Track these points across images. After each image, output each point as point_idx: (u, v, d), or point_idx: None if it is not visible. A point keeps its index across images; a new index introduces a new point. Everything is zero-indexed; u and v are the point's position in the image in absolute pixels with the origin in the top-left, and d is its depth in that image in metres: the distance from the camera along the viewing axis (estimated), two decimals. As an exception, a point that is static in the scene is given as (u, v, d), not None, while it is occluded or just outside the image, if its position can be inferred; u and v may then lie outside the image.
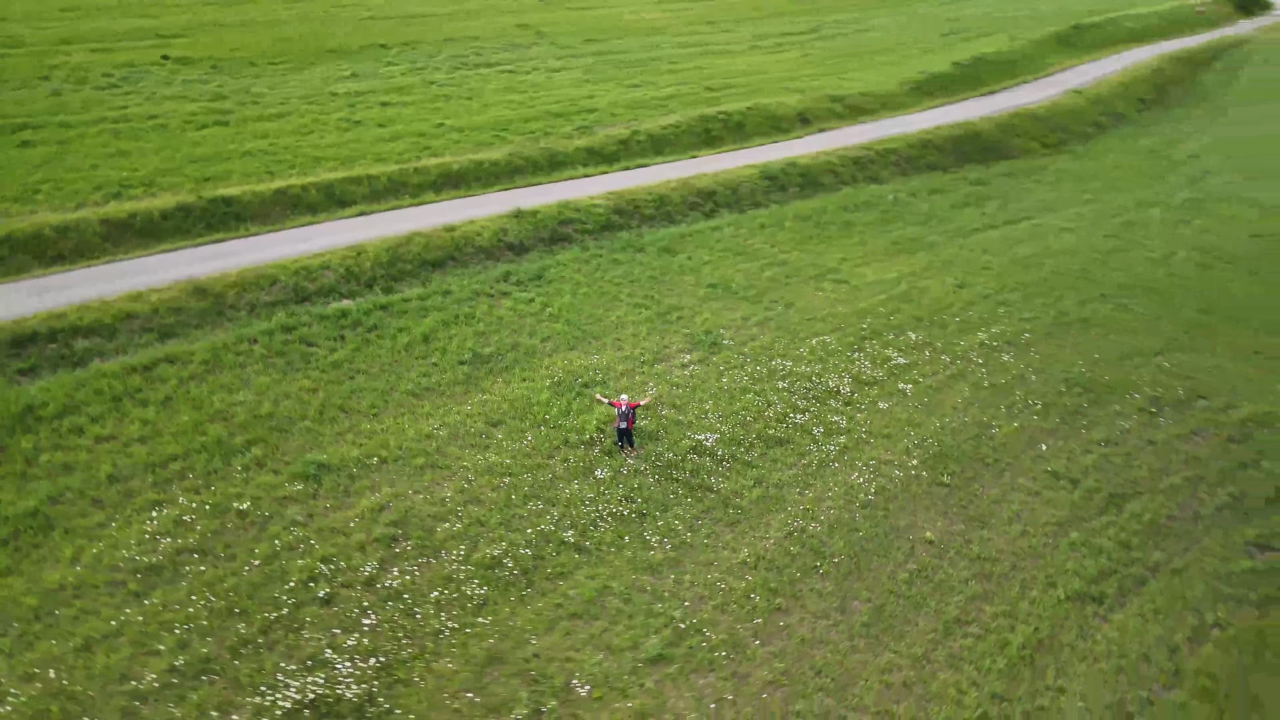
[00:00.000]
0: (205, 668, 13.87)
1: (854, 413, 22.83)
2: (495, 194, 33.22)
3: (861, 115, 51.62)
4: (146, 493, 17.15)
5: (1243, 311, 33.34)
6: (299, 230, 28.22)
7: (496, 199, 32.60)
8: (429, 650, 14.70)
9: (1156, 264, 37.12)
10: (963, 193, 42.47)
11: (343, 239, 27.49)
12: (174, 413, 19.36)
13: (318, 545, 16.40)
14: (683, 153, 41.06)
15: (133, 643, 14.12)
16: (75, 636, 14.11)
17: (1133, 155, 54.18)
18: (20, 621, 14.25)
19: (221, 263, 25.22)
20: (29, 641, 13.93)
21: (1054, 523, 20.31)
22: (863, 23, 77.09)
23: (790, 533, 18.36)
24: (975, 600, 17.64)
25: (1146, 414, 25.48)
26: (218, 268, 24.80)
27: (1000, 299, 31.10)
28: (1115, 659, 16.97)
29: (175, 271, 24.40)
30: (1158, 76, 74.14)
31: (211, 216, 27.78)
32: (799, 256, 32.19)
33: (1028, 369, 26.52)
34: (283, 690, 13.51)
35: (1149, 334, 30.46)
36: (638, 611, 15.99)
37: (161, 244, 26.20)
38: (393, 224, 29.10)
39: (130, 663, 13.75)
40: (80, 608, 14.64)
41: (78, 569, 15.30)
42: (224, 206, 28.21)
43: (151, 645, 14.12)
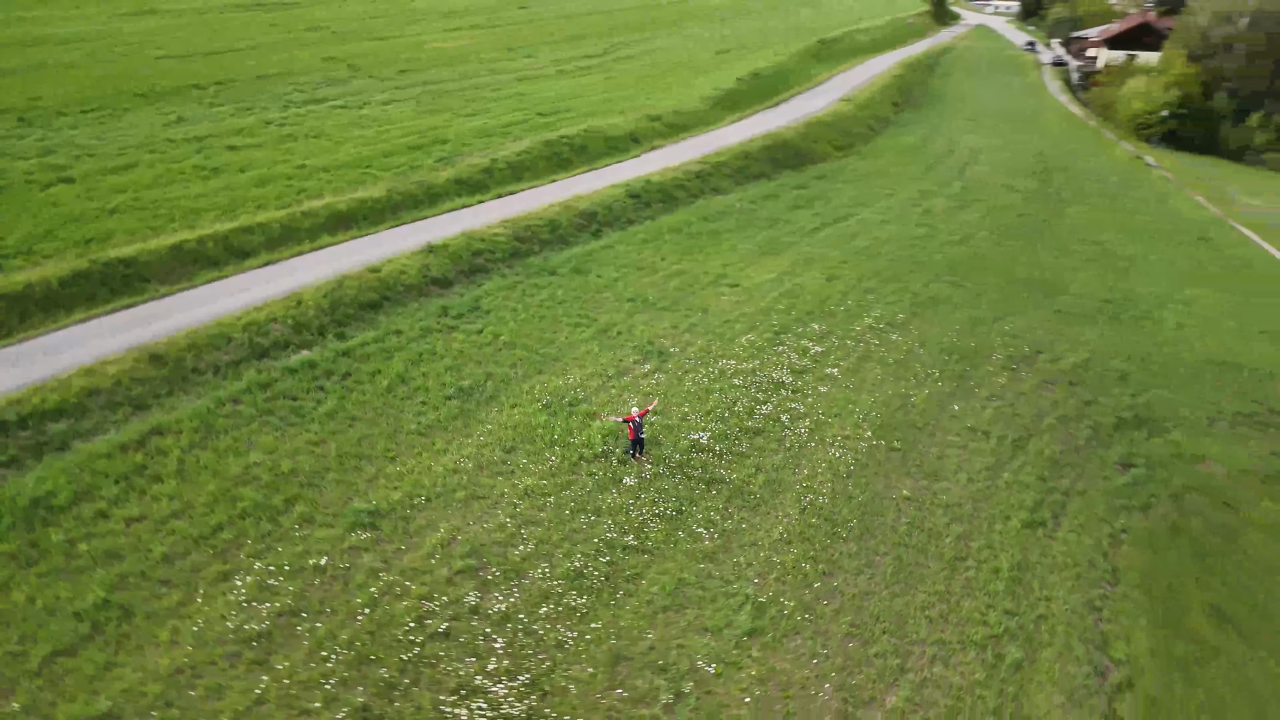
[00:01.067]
0: (367, 715, 14.17)
1: (803, 399, 25.85)
2: (388, 231, 33.27)
3: (681, 132, 55.55)
4: (212, 565, 16.68)
5: (1035, 279, 40.24)
6: (214, 286, 27.12)
7: (393, 236, 32.70)
8: (560, 660, 15.76)
9: (961, 245, 43.55)
10: (791, 197, 47.25)
11: (272, 289, 26.79)
12: (195, 484, 18.65)
13: (411, 585, 16.82)
14: (541, 177, 42.66)
15: (284, 707, 14.09)
16: (221, 714, 13.87)
17: (903, 153, 62.16)
18: (156, 710, 13.77)
19: (156, 326, 23.94)
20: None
21: (986, 468, 24.39)
22: (645, 44, 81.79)
23: (804, 508, 20.93)
24: (961, 539, 21.11)
25: (1009, 371, 30.61)
26: (157, 332, 23.56)
27: (864, 287, 35.56)
28: (1071, 568, 21.06)
29: (109, 341, 22.91)
30: (900, 82, 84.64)
31: (114, 280, 26.03)
32: (689, 266, 34.94)
33: (914, 344, 30.91)
34: (468, 710, 14.15)
35: (982, 305, 36.11)
36: (716, 595, 17.85)
37: (73, 314, 24.32)
38: (311, 270, 28.62)
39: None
40: (208, 685, 14.32)
41: (185, 649, 14.84)
42: (123, 268, 26.50)
43: (303, 705, 14.17)
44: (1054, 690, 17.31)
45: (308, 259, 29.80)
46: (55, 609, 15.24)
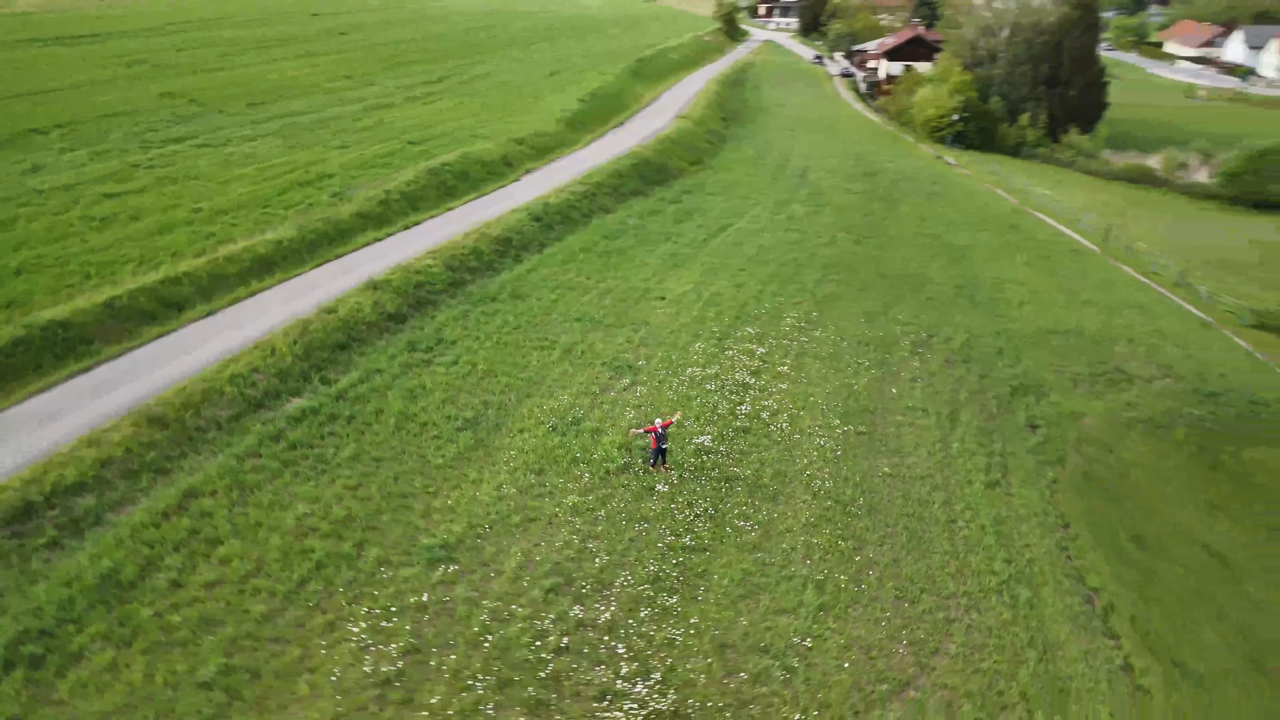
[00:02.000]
0: (530, 732, 14.85)
1: (770, 396, 28.15)
2: (316, 271, 32.64)
3: (546, 154, 56.89)
4: (315, 617, 16.51)
5: (900, 273, 45.00)
6: (166, 341, 25.87)
7: (325, 275, 32.15)
8: (677, 656, 16.99)
9: (830, 247, 47.73)
10: (671, 211, 49.80)
11: (234, 340, 25.91)
12: (257, 541, 18.18)
13: (514, 608, 17.42)
14: (436, 206, 42.74)
15: (450, 738, 14.50)
16: (393, 754, 14.10)
17: (747, 164, 66.50)
18: (329, 763, 13.79)
19: (129, 389, 22.65)
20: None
21: (937, 441, 27.70)
22: (478, 69, 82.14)
23: (814, 494, 23.14)
24: (946, 505, 24.10)
25: (917, 355, 34.47)
26: (135, 395, 22.32)
27: (770, 291, 38.50)
28: (1033, 518, 24.58)
29: (92, 408, 21.51)
30: (721, 98, 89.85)
31: (55, 345, 24.19)
32: (613, 283, 36.47)
33: (835, 339, 34.07)
34: (620, 712, 15.11)
35: (870, 299, 40.08)
36: (778, 580, 19.63)
37: (26, 384, 22.49)
38: (263, 317, 27.77)
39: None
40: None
41: (331, 699, 14.81)
42: (62, 331, 24.65)
43: (467, 733, 14.64)
44: (1062, 620, 20.46)
45: (252, 305, 28.79)
46: (178, 683, 14.69)
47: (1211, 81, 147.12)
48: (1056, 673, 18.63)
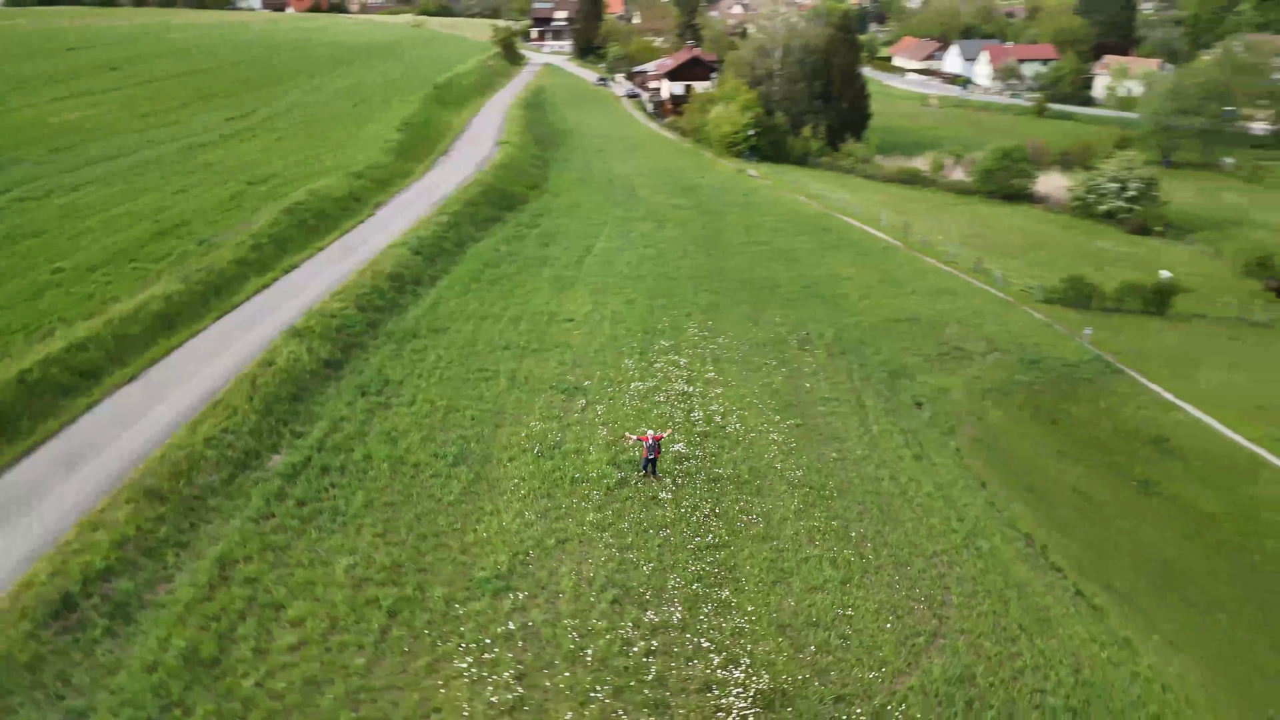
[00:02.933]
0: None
1: (712, 401, 30.27)
2: (223, 322, 31.20)
3: (388, 186, 56.06)
4: (414, 661, 16.55)
5: (753, 278, 48.87)
6: (98, 412, 23.98)
7: (236, 327, 30.80)
8: (750, 641, 18.59)
9: (686, 259, 50.67)
10: (533, 236, 50.81)
11: (181, 402, 24.43)
12: (320, 600, 17.76)
13: (593, 622, 18.30)
14: (306, 246, 41.39)
15: (602, 746, 15.33)
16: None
17: (578, 185, 68.46)
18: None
19: (100, 464, 21.02)
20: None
21: (860, 425, 31.05)
22: (279, 101, 78.50)
23: (791, 484, 25.47)
24: (892, 480, 27.28)
25: (805, 350, 37.99)
26: (116, 467, 20.79)
27: (659, 305, 40.64)
28: (958, 482, 28.43)
29: (73, 489, 19.86)
30: (527, 122, 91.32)
31: (-19, 426, 21.87)
32: (519, 309, 37.16)
33: (736, 344, 36.81)
34: (731, 698, 16.57)
35: (742, 305, 43.37)
36: (799, 563, 21.67)
37: (-29, 474, 20.28)
38: (197, 375, 26.30)
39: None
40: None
41: (475, 736, 15.15)
42: (-16, 411, 22.30)
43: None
44: (1019, 562, 24.10)
45: (173, 365, 27.08)
46: (311, 748, 14.45)
47: (938, 90, 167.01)
48: (1035, 605, 22.06)
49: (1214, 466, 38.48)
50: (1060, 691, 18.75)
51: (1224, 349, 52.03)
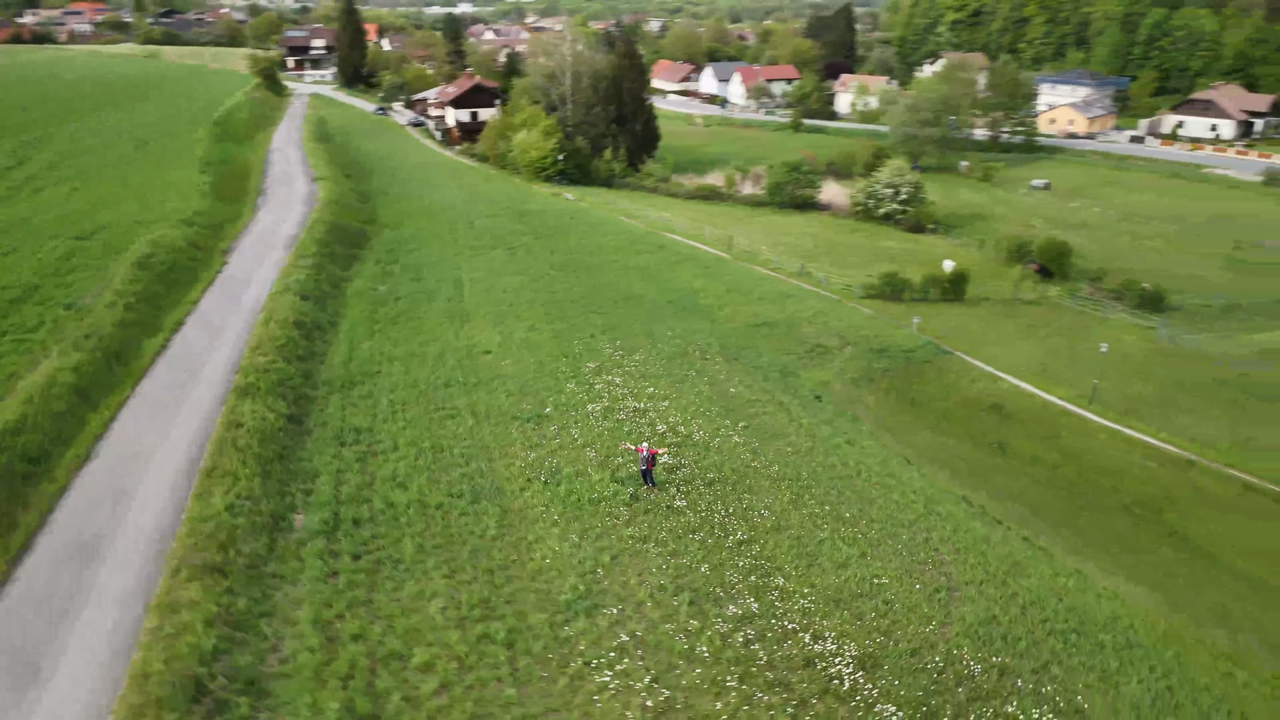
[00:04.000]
0: (795, 700, 17.88)
1: (660, 414, 32.14)
2: (146, 386, 28.95)
3: (223, 232, 53.06)
4: (555, 684, 17.26)
5: (632, 294, 51.45)
6: (79, 494, 21.97)
7: (165, 388, 28.88)
8: (822, 617, 20.83)
9: (557, 281, 52.06)
10: (400, 271, 50.05)
11: (170, 469, 22.96)
12: (435, 644, 17.88)
13: (691, 622, 19.76)
14: (179, 300, 39.01)
15: (758, 725, 16.96)
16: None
17: (416, 216, 67.19)
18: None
19: (125, 545, 19.55)
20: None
21: (791, 421, 34.24)
22: (60, 145, 71.11)
23: (772, 480, 27.97)
24: (844, 465, 30.59)
25: (705, 358, 40.88)
26: (145, 546, 19.39)
27: (562, 329, 41.94)
28: (891, 460, 32.23)
29: (122, 574, 18.41)
30: (329, 154, 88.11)
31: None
32: (434, 347, 36.99)
33: (650, 358, 38.91)
34: (837, 667, 18.73)
35: (638, 321, 45.58)
36: (818, 549, 24.08)
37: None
38: (154, 450, 24.64)
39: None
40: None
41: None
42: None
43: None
44: (972, 520, 28.11)
45: (126, 436, 25.12)
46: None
47: (700, 110, 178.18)
48: (1003, 553, 26.03)
49: (1041, 425, 45.60)
50: (1059, 618, 22.59)
51: (1009, 325, 61.08)
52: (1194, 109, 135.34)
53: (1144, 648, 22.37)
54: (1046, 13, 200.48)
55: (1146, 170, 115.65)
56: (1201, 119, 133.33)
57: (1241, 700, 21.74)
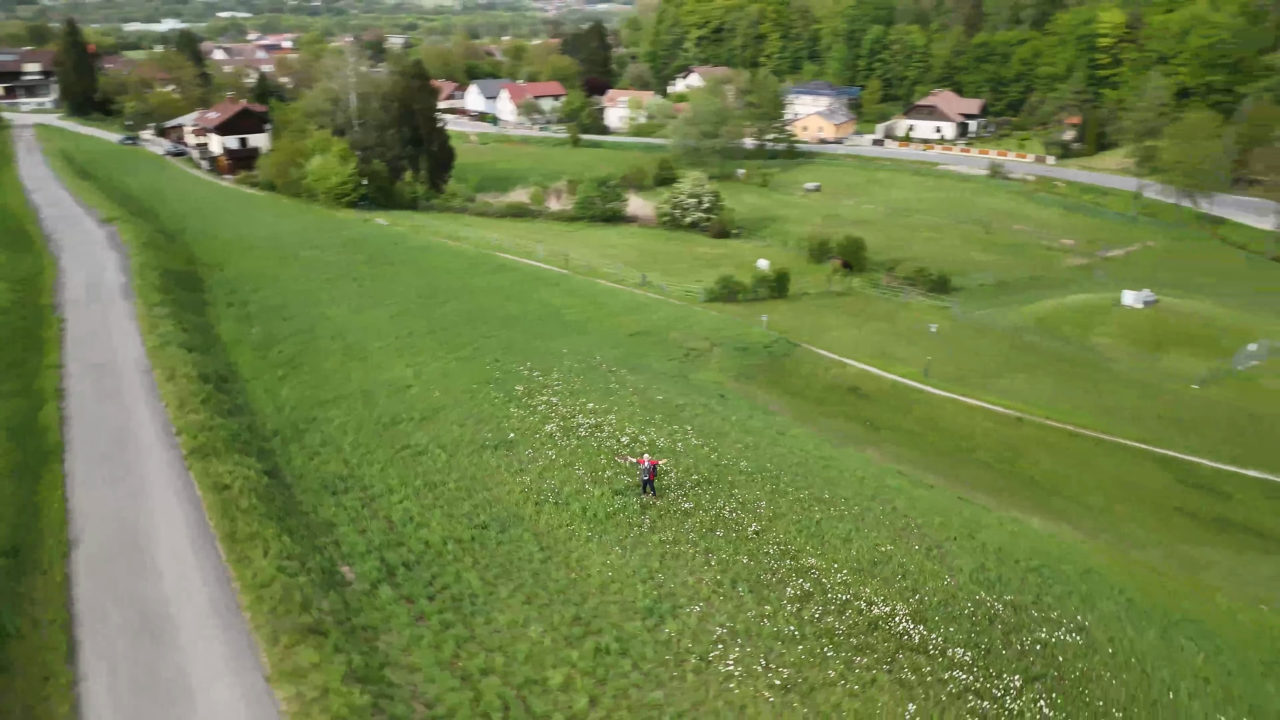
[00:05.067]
0: (871, 662, 20.19)
1: (615, 427, 33.27)
2: (73, 469, 26.20)
3: (37, 287, 47.52)
4: (684, 680, 18.39)
5: (499, 315, 51.91)
6: (90, 573, 19.96)
7: (101, 461, 26.17)
8: (858, 587, 23.26)
9: (430, 308, 51.29)
10: (261, 311, 47.21)
11: (176, 546, 21.24)
12: (564, 662, 18.32)
13: (763, 608, 21.48)
14: (39, 369, 34.86)
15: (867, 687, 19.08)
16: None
17: (241, 253, 62.95)
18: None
19: (188, 619, 18.21)
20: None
21: (720, 419, 36.68)
22: None
23: (749, 475, 30.12)
24: (790, 453, 33.41)
25: (611, 371, 42.47)
26: (207, 621, 18.18)
27: (467, 356, 41.71)
28: (822, 446, 35.47)
29: (202, 655, 17.17)
30: (100, 191, 79.97)
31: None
32: (356, 383, 35.88)
33: (568, 375, 39.84)
34: (900, 625, 21.26)
35: (526, 339, 46.22)
36: (822, 521, 26.60)
37: None
38: (135, 523, 22.68)
39: None
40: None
41: (793, 710, 17.85)
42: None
43: (869, 683, 19.35)
44: (914, 487, 31.83)
45: (85, 510, 22.81)
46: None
47: (471, 127, 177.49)
48: (955, 511, 29.87)
49: (894, 400, 51.30)
50: (1027, 559, 26.61)
51: (832, 315, 67.48)
52: (921, 114, 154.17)
53: (1097, 572, 26.89)
54: (780, 29, 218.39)
55: (894, 169, 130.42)
56: (928, 122, 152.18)
57: (1176, 596, 26.78)
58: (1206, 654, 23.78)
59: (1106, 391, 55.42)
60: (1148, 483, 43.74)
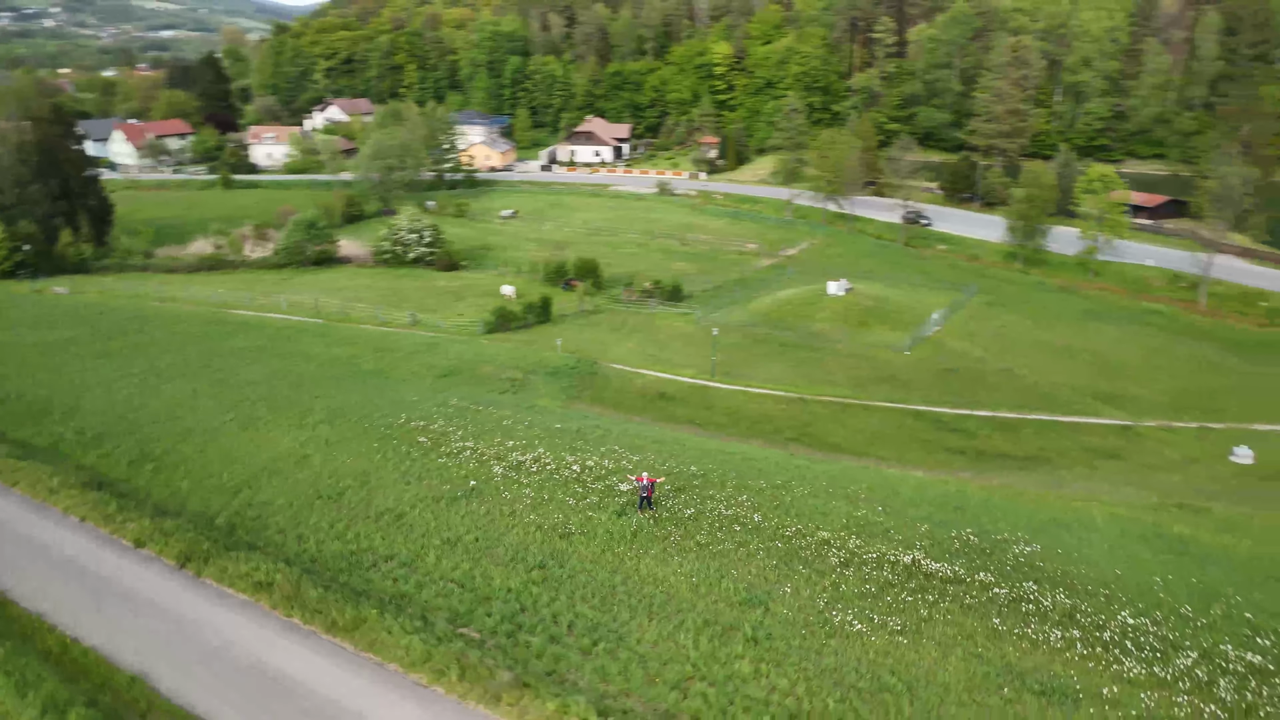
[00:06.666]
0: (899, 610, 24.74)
1: (557, 458, 34.15)
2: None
3: None
4: (803, 658, 21.39)
5: (351, 372, 49.28)
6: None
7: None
8: (873, 543, 27.56)
9: (246, 375, 47.08)
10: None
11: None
12: (710, 683, 20.32)
13: (823, 582, 24.94)
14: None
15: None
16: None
17: None
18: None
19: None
20: None
21: (613, 442, 39.11)
22: None
23: (704, 479, 32.89)
24: (692, 447, 36.88)
25: (481, 407, 42.95)
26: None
27: (335, 427, 39.54)
28: (722, 445, 39.42)
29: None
30: None
31: None
32: (264, 459, 32.88)
33: (462, 421, 39.63)
34: (929, 567, 25.97)
35: (368, 393, 44.53)
36: (815, 503, 30.51)
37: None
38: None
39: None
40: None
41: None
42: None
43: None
44: (818, 462, 36.99)
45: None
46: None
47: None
48: (871, 476, 35.38)
49: (695, 398, 57.03)
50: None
51: (600, 332, 72.10)
52: (580, 139, 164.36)
53: (984, 500, 33.90)
54: (416, 60, 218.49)
55: (574, 193, 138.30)
56: (587, 147, 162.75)
57: (1040, 503, 34.60)
58: (1112, 540, 31.27)
59: (842, 366, 66.17)
60: (916, 433, 53.85)
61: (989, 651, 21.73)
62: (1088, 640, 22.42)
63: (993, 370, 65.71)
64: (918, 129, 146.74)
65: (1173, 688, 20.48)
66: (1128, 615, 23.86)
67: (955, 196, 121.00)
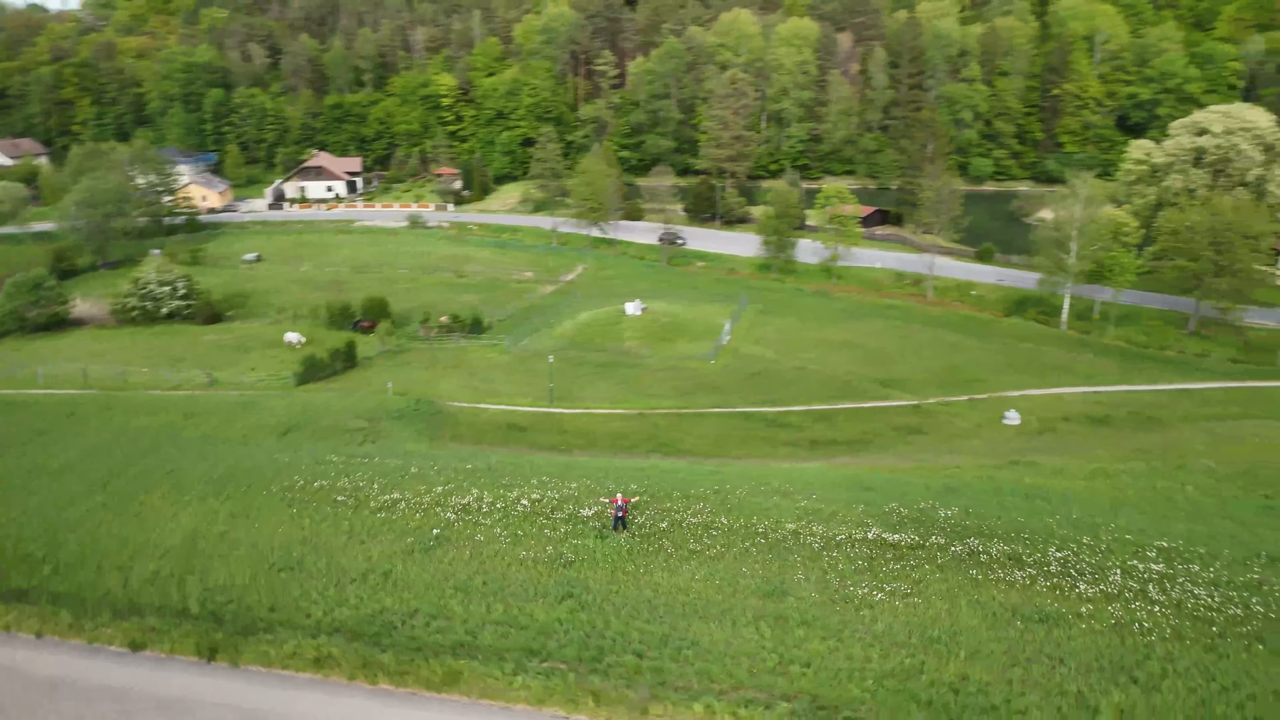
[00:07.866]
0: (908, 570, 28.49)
1: (501, 496, 33.79)
2: None
3: None
4: (843, 641, 24.22)
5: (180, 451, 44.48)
6: None
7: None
8: (874, 526, 30.77)
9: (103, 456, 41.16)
10: None
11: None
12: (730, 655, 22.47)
13: (844, 565, 27.74)
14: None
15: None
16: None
17: None
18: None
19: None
20: None
21: (517, 472, 39.52)
22: None
23: (651, 494, 34.20)
24: (601, 470, 38.39)
25: (365, 461, 41.31)
26: None
27: (235, 496, 36.22)
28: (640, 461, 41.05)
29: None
30: None
31: None
32: (219, 528, 29.71)
33: (351, 474, 37.83)
34: (936, 537, 29.73)
35: (240, 456, 41.05)
36: (777, 499, 33.06)
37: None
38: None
39: None
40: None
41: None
42: None
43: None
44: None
45: None
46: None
47: None
48: (779, 473, 38.74)
49: (546, 424, 58.17)
50: (865, 483, 36.95)
51: (415, 371, 70.45)
52: (310, 174, 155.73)
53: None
54: (90, 94, 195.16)
55: (316, 231, 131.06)
56: (318, 182, 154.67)
57: (933, 473, 39.86)
58: (993, 496, 36.84)
59: (661, 380, 70.23)
60: (752, 431, 58.76)
61: (983, 597, 25.61)
62: (1041, 575, 27.07)
63: (788, 369, 72.74)
64: (646, 155, 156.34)
65: (1121, 598, 25.51)
66: (1055, 551, 28.97)
67: (699, 217, 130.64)
